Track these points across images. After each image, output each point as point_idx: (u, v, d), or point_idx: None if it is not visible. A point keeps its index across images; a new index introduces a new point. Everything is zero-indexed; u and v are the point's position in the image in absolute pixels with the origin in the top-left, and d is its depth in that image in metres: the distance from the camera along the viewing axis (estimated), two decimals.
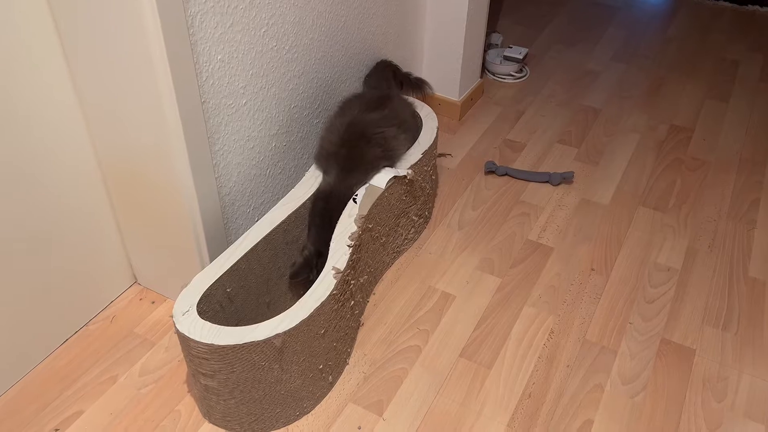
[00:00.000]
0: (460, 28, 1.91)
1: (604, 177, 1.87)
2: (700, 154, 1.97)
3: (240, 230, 1.42)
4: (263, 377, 1.13)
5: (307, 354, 1.17)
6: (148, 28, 1.02)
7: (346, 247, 1.26)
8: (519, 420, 1.25)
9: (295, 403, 1.22)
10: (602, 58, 2.47)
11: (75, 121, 1.23)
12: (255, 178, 1.42)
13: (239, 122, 1.31)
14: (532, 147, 1.98)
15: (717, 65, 2.43)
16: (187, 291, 1.16)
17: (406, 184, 1.47)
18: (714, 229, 1.70)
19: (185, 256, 1.35)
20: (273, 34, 1.32)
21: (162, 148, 1.18)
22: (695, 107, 2.19)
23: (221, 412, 1.19)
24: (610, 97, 2.23)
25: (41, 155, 1.19)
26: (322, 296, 1.15)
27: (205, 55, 1.16)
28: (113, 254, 1.43)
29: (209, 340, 1.07)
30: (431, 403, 1.28)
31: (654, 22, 2.73)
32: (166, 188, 1.25)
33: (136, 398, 1.28)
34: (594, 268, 1.57)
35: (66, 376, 1.31)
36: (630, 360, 1.36)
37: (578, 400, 1.29)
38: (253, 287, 1.31)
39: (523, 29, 2.64)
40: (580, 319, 1.45)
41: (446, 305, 1.47)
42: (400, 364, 1.35)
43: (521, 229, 1.69)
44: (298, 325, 1.10)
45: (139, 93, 1.12)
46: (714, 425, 1.25)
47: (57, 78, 1.16)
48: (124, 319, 1.43)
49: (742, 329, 1.43)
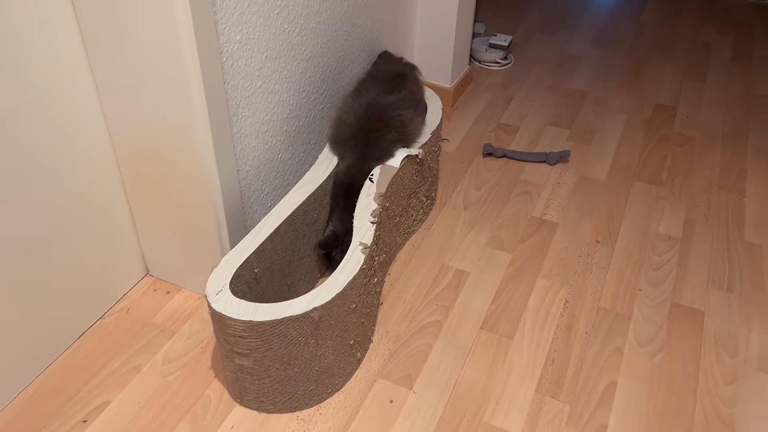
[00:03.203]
0: (451, 14, 1.95)
1: (597, 155, 1.92)
2: (686, 131, 2.05)
3: (255, 215, 1.42)
4: (299, 353, 1.13)
5: (341, 329, 1.18)
6: (176, 5, 1.02)
7: (369, 223, 1.27)
8: (546, 385, 1.28)
9: (328, 380, 1.22)
10: (582, 44, 2.54)
11: (90, 105, 1.21)
12: (268, 162, 1.42)
13: (255, 105, 1.31)
14: (525, 129, 2.02)
15: (690, 48, 2.52)
16: (218, 271, 1.15)
17: (417, 163, 1.49)
18: (707, 199, 1.76)
19: (203, 242, 1.35)
20: (285, 16, 1.32)
21: (185, 129, 1.17)
22: (675, 87, 2.27)
23: (255, 392, 1.18)
24: (594, 81, 2.29)
25: (54, 145, 1.17)
26: (354, 270, 1.16)
27: (225, 36, 1.16)
28: (126, 245, 1.41)
29: (247, 317, 1.06)
30: (459, 374, 1.30)
31: (627, 10, 2.82)
32: (188, 172, 1.24)
33: (163, 386, 1.26)
34: (599, 240, 1.62)
35: (87, 368, 1.29)
36: (644, 324, 1.41)
37: (600, 363, 1.32)
38: (277, 268, 1.31)
39: (503, 20, 2.70)
40: (592, 288, 1.49)
41: (462, 281, 1.50)
42: (423, 339, 1.36)
43: (525, 206, 1.72)
44: (333, 299, 1.11)
45: (163, 71, 1.11)
46: (730, 379, 1.30)
47: (72, 58, 1.15)
48: (140, 310, 1.41)
49: (745, 290, 1.49)
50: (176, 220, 1.34)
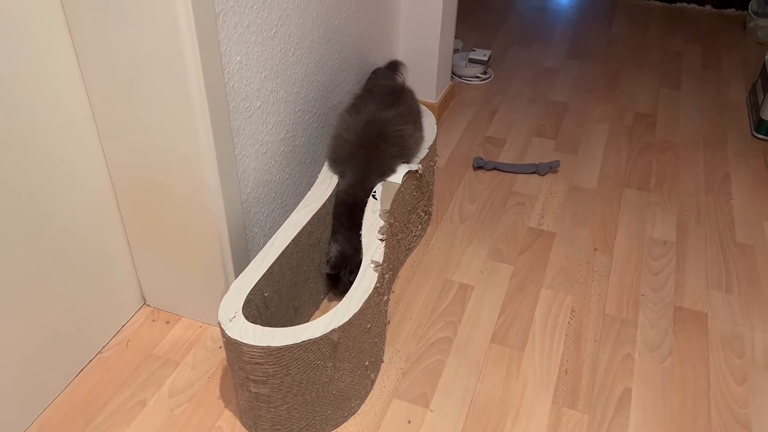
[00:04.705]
0: (435, 30, 1.96)
1: (585, 164, 1.95)
2: (667, 137, 2.09)
3: (255, 238, 1.39)
4: (317, 377, 1.10)
5: (357, 350, 1.15)
6: (181, 26, 0.99)
7: (378, 240, 1.25)
8: (562, 396, 1.27)
9: (344, 404, 1.19)
10: (557, 56, 2.58)
11: (87, 134, 1.17)
12: (267, 184, 1.39)
13: (254, 126, 1.29)
14: (512, 142, 2.04)
15: (662, 57, 2.59)
16: (229, 297, 1.12)
17: (416, 179, 1.48)
18: (696, 202, 1.79)
19: (205, 269, 1.31)
20: (281, 35, 1.31)
21: (189, 154, 1.14)
22: (652, 95, 2.32)
23: (270, 420, 1.15)
24: (573, 91, 2.33)
25: (47, 177, 1.12)
26: (368, 289, 1.14)
27: (227, 56, 1.14)
28: (123, 275, 1.36)
29: (264, 343, 1.03)
30: (474, 390, 1.28)
31: (596, 22, 2.88)
32: (190, 197, 1.21)
33: (171, 420, 1.22)
34: (597, 248, 1.63)
35: (89, 406, 1.24)
36: (651, 329, 1.42)
37: (612, 370, 1.32)
38: (285, 291, 1.28)
39: (477, 35, 2.73)
40: (596, 296, 1.49)
41: (467, 295, 1.49)
42: (435, 356, 1.34)
43: (521, 217, 1.73)
44: (351, 319, 1.09)
45: (166, 95, 1.08)
46: (740, 380, 1.31)
47: (67, 86, 1.11)
48: (139, 342, 1.36)
49: (743, 290, 1.52)
50: (176, 247, 1.30)
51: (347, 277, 1.37)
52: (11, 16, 0.98)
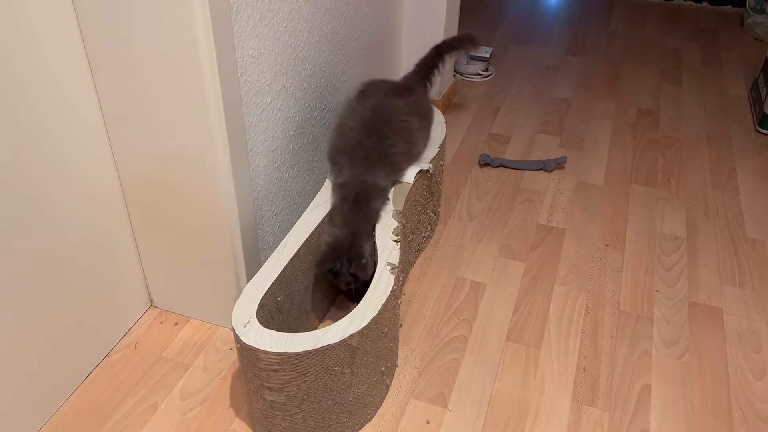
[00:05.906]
0: (438, 26, 1.94)
1: (591, 160, 1.93)
2: (671, 133, 2.08)
3: (265, 237, 1.36)
4: (334, 384, 1.07)
5: (374, 355, 1.12)
6: (197, 20, 0.97)
7: (393, 242, 1.23)
8: (581, 393, 1.25)
9: (361, 410, 1.16)
10: (557, 53, 2.57)
11: (95, 135, 1.14)
12: (277, 181, 1.36)
13: (265, 122, 1.26)
14: (517, 139, 2.02)
15: (662, 54, 2.58)
16: (242, 301, 1.09)
17: (427, 178, 1.45)
18: (704, 198, 1.79)
19: (215, 269, 1.28)
20: (292, 30, 1.28)
21: (202, 152, 1.11)
22: (654, 92, 2.31)
23: (285, 429, 1.11)
24: (575, 88, 2.32)
25: (56, 179, 1.09)
26: (386, 292, 1.11)
27: (240, 50, 1.11)
28: (131, 277, 1.33)
29: (281, 349, 1.00)
30: (492, 388, 1.26)
31: (594, 20, 2.87)
32: (201, 196, 1.18)
33: (184, 424, 1.18)
34: (608, 244, 1.62)
35: (99, 410, 1.20)
36: (666, 325, 1.40)
37: (630, 367, 1.31)
38: (297, 295, 1.25)
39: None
40: (610, 292, 1.48)
41: (480, 293, 1.47)
42: (450, 355, 1.32)
43: (530, 214, 1.71)
44: (369, 324, 1.06)
45: (180, 91, 1.05)
46: (759, 374, 1.30)
47: (76, 85, 1.08)
48: (148, 344, 1.33)
49: (756, 285, 1.51)
50: (185, 247, 1.27)
51: (345, 268, 1.24)
52: (20, 15, 0.94)
